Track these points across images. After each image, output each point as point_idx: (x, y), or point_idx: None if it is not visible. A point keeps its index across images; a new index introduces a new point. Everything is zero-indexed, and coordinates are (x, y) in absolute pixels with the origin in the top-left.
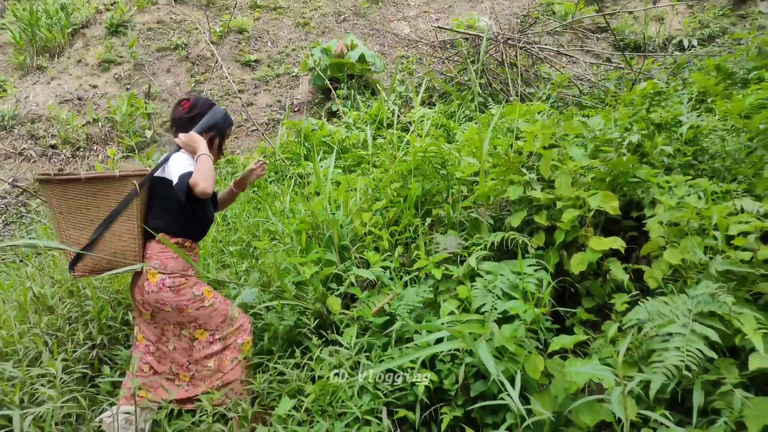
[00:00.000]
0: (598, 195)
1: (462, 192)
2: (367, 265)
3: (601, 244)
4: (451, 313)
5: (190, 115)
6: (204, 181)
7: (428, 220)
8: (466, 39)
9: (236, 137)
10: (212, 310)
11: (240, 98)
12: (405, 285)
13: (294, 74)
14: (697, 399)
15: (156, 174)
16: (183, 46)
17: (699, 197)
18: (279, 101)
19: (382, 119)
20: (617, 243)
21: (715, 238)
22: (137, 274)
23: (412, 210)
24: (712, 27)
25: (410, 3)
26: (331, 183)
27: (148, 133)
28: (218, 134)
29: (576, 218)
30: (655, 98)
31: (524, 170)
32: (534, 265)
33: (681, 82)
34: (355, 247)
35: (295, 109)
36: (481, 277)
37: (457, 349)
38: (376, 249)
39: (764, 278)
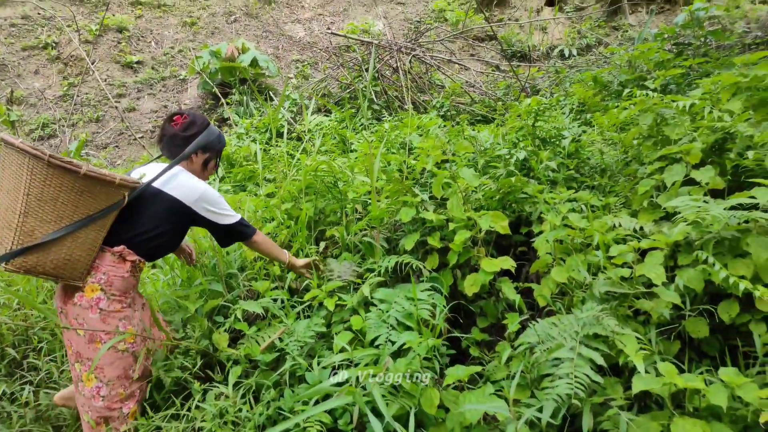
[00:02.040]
0: (489, 216)
1: (357, 211)
2: (256, 294)
3: (492, 265)
4: (343, 350)
5: (187, 134)
6: (258, 247)
7: (322, 244)
8: (362, 44)
9: (117, 146)
10: (118, 359)
11: (116, 105)
12: (297, 316)
13: (181, 77)
14: (587, 423)
15: (156, 186)
16: (53, 45)
17: (581, 211)
18: (165, 107)
19: (277, 128)
20: (508, 263)
21: (597, 256)
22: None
23: (305, 232)
24: (589, 37)
25: (304, 5)
26: None
27: None
28: (214, 155)
29: (468, 239)
30: (540, 113)
31: (417, 190)
32: (428, 289)
33: (563, 93)
34: (244, 274)
35: None
36: (376, 306)
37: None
38: (267, 275)
39: (643, 294)
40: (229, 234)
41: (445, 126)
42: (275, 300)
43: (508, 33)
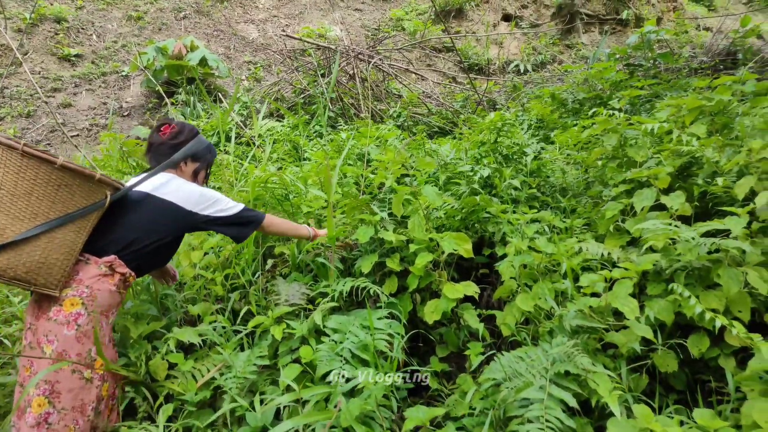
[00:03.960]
0: (452, 238)
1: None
2: (195, 318)
3: (455, 291)
4: (290, 388)
5: (175, 141)
6: (273, 229)
7: (270, 262)
8: (318, 49)
9: (49, 144)
10: (80, 387)
11: (46, 101)
12: (239, 346)
13: (124, 74)
14: None
15: (146, 191)
16: None
17: (545, 233)
18: (105, 104)
19: (225, 131)
20: (471, 289)
21: (564, 283)
22: (47, 295)
23: (252, 248)
24: (544, 54)
25: (258, 5)
26: None
27: None
28: (204, 166)
29: (429, 263)
30: (503, 128)
31: (375, 207)
32: (386, 317)
33: (521, 108)
34: (182, 294)
35: (125, 114)
36: (328, 336)
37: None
38: (207, 296)
39: (614, 327)
40: (240, 223)
41: (403, 138)
42: (215, 326)
43: (464, 46)
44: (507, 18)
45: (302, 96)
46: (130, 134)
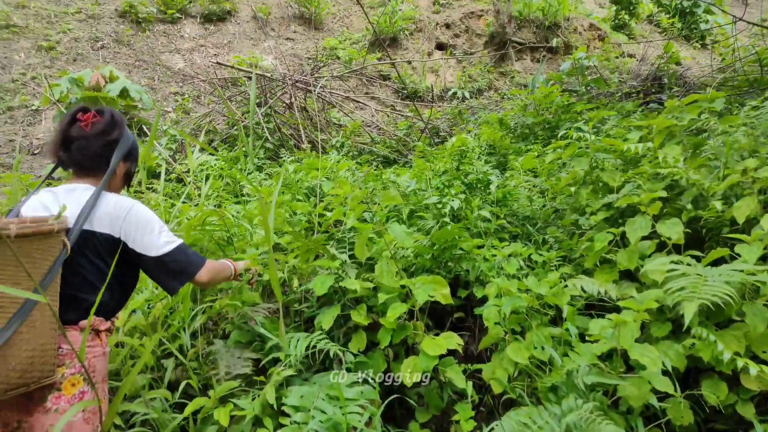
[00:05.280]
0: (427, 283)
1: (259, 275)
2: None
3: (436, 347)
4: None
5: (109, 138)
6: (212, 276)
7: (202, 318)
8: (250, 78)
9: None
10: None
11: None
12: (181, 425)
13: (34, 108)
14: None
15: (85, 227)
16: None
17: (524, 269)
18: (11, 141)
19: (152, 167)
20: (454, 342)
21: (567, 328)
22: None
23: (188, 303)
24: (480, 81)
25: (183, 35)
26: None
27: None
28: (134, 164)
29: (403, 313)
30: (465, 155)
31: (333, 248)
32: (356, 383)
33: (471, 135)
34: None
35: (35, 152)
36: (288, 416)
37: None
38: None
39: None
40: (171, 269)
41: (356, 170)
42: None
43: (401, 73)
44: (441, 47)
45: (236, 128)
46: (41, 174)
